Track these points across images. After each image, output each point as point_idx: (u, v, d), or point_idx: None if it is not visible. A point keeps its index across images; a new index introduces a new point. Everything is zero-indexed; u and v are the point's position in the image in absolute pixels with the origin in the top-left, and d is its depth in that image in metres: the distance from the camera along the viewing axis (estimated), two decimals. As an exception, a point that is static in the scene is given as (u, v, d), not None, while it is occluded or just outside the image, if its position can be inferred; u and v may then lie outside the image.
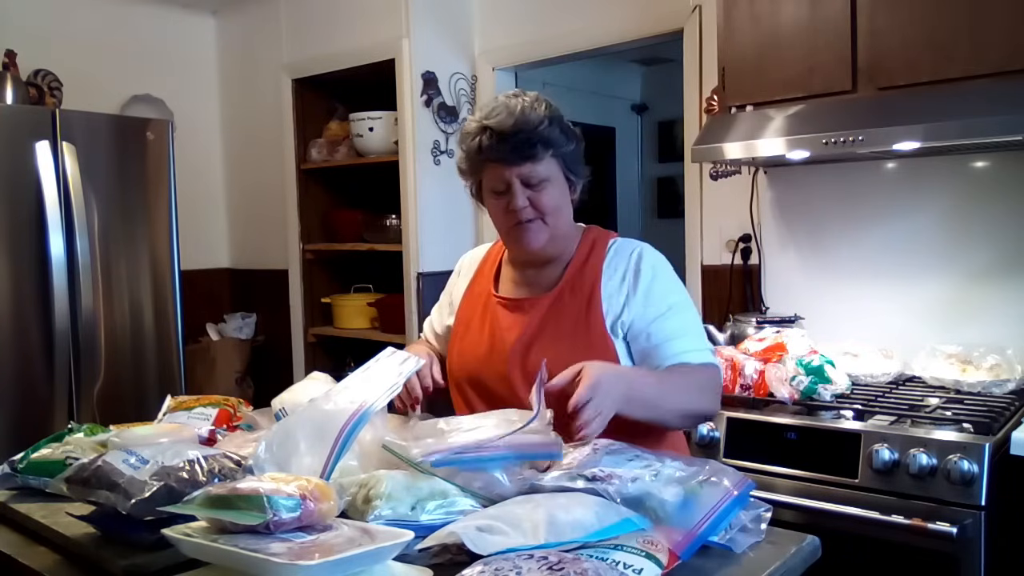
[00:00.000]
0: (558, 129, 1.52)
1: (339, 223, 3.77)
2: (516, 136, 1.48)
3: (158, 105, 3.90)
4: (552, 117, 1.52)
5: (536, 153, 1.50)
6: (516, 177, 1.51)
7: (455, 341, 1.68)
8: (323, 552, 0.93)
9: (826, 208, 2.62)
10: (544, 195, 1.52)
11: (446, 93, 3.40)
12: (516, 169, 1.50)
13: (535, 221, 1.53)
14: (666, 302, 1.55)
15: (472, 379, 1.62)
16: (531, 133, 1.49)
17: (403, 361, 1.40)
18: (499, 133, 1.49)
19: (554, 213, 1.54)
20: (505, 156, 1.50)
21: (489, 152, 1.51)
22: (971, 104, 1.98)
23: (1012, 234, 2.30)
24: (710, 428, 2.13)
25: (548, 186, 1.53)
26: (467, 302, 1.70)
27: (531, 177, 1.51)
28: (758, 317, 2.52)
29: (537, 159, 1.50)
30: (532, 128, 1.49)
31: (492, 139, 1.50)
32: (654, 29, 2.96)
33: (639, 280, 1.55)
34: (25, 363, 2.86)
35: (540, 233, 1.54)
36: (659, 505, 1.10)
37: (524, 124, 1.49)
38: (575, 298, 1.56)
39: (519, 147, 1.49)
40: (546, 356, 1.48)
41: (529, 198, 1.52)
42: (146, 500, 1.08)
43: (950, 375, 2.21)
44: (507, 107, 1.51)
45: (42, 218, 2.86)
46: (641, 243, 1.63)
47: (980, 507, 1.76)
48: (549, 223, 1.54)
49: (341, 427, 1.19)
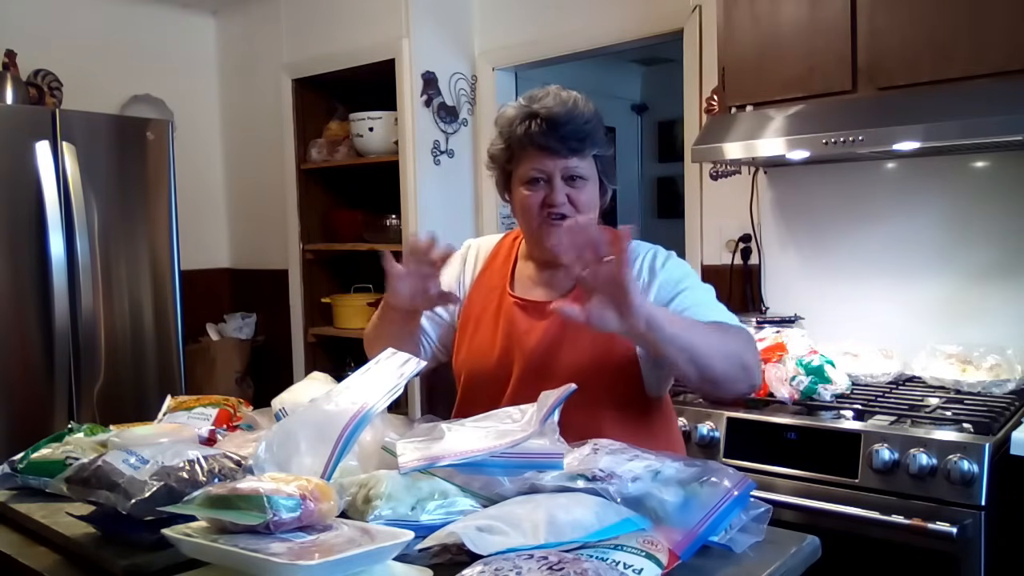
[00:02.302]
0: (603, 130, 1.51)
1: (339, 223, 3.77)
2: (567, 126, 1.45)
3: (158, 105, 3.90)
4: (599, 116, 1.50)
5: (584, 147, 1.48)
6: (559, 170, 1.48)
7: (464, 337, 1.64)
8: (323, 552, 0.93)
9: (826, 208, 2.62)
10: (583, 193, 1.50)
11: (446, 93, 3.40)
12: (561, 161, 1.47)
13: (564, 220, 1.49)
14: (683, 283, 1.51)
15: (483, 378, 1.58)
16: (582, 126, 1.46)
17: (404, 363, 1.40)
18: (549, 120, 1.45)
19: (588, 213, 1.51)
20: (553, 145, 1.46)
21: (537, 139, 1.46)
22: (971, 104, 1.98)
23: (1012, 234, 2.30)
24: (710, 428, 2.13)
25: (587, 185, 1.51)
26: (477, 296, 1.65)
27: (574, 171, 1.48)
28: (758, 317, 2.52)
29: (583, 153, 1.48)
30: (583, 121, 1.46)
31: (541, 126, 1.46)
32: (654, 29, 2.96)
33: (654, 277, 1.52)
34: (25, 363, 2.86)
35: None
36: (659, 505, 1.10)
37: (576, 116, 1.46)
38: None
39: (567, 138, 1.46)
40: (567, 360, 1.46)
41: (567, 194, 1.49)
42: (146, 500, 1.08)
43: (950, 375, 2.21)
44: (558, 96, 1.48)
45: (42, 218, 2.86)
46: (653, 245, 1.61)
47: (980, 507, 1.76)
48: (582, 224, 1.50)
49: (342, 428, 1.19)
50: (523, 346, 1.54)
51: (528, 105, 1.50)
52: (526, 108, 1.50)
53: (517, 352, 1.55)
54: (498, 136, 1.56)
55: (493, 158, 1.59)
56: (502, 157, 1.56)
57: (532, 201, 1.51)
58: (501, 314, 1.60)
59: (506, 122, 1.53)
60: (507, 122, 1.53)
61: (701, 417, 2.16)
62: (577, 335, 1.49)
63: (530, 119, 1.48)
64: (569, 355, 1.50)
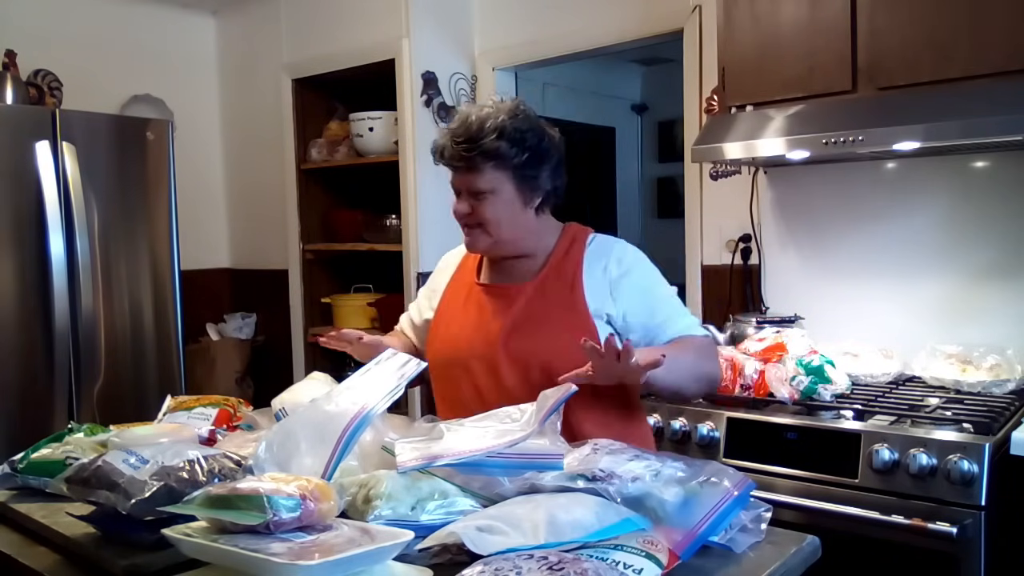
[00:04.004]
0: (508, 143, 1.54)
1: (339, 223, 3.77)
2: (458, 146, 1.56)
3: (158, 105, 3.90)
4: (503, 129, 1.54)
5: (475, 165, 1.56)
6: (464, 185, 1.60)
7: (437, 330, 1.71)
8: (323, 552, 0.93)
9: (826, 208, 2.62)
10: (485, 206, 1.58)
11: (446, 93, 3.39)
12: (465, 176, 1.59)
13: (475, 228, 1.61)
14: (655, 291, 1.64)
15: (457, 363, 1.64)
16: (473, 145, 1.54)
17: (404, 364, 1.40)
18: (451, 139, 1.58)
19: (494, 224, 1.59)
20: (451, 163, 1.60)
21: (440, 157, 1.61)
22: (971, 104, 1.98)
23: (1012, 234, 2.30)
24: (710, 428, 2.13)
25: (490, 197, 1.58)
26: (450, 293, 1.75)
27: (473, 186, 1.58)
28: (758, 317, 2.51)
29: (476, 170, 1.56)
30: (475, 141, 1.54)
31: (446, 145, 1.59)
32: (654, 29, 2.96)
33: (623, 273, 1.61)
34: (25, 363, 2.86)
35: (480, 239, 1.62)
36: (659, 505, 1.11)
37: (468, 136, 1.55)
38: (559, 284, 1.61)
39: (459, 157, 1.57)
40: (532, 339, 1.56)
41: (472, 206, 1.59)
42: (146, 500, 1.08)
43: (950, 375, 2.21)
44: (463, 116, 1.59)
45: (42, 218, 2.85)
46: (617, 239, 1.70)
47: (980, 507, 1.76)
48: (491, 232, 1.60)
49: (343, 429, 1.19)
50: (491, 326, 1.61)
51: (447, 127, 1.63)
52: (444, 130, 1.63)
53: (487, 332, 1.61)
54: None
55: None
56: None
57: (454, 211, 1.64)
58: (471, 302, 1.68)
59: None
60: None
61: (701, 417, 2.16)
62: (543, 311, 1.58)
63: (445, 138, 1.61)
64: (536, 331, 1.57)
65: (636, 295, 1.60)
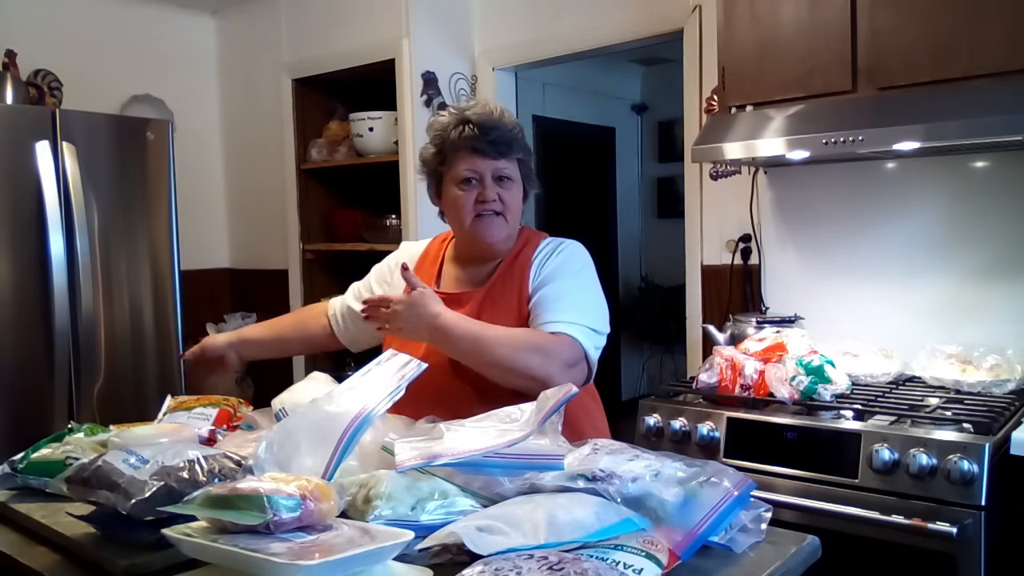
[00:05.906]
0: (524, 138, 1.67)
1: (339, 223, 3.77)
2: (496, 131, 1.61)
3: (158, 105, 3.90)
4: (520, 126, 1.67)
5: (511, 151, 1.63)
6: (490, 170, 1.63)
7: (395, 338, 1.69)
8: (323, 552, 0.93)
9: (826, 208, 2.62)
10: (510, 192, 1.65)
11: (446, 93, 3.40)
12: (491, 163, 1.62)
13: (500, 216, 1.64)
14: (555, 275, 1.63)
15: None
16: (507, 132, 1.63)
17: (404, 364, 1.40)
18: (480, 125, 1.61)
19: (515, 211, 1.66)
20: (483, 148, 1.61)
21: (470, 142, 1.61)
22: (971, 104, 1.98)
23: (1012, 234, 2.30)
24: (710, 428, 2.13)
25: (513, 185, 1.66)
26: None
27: (503, 172, 1.62)
28: (758, 317, 2.51)
29: (510, 156, 1.63)
30: (508, 128, 1.63)
31: (473, 130, 1.61)
32: (654, 29, 2.96)
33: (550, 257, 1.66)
34: (25, 363, 2.86)
35: (501, 227, 1.64)
36: (659, 505, 1.10)
37: (502, 122, 1.63)
38: (506, 290, 1.65)
39: (496, 142, 1.61)
40: None
41: (497, 193, 1.62)
42: (146, 500, 1.08)
43: (950, 375, 2.21)
44: (486, 105, 1.64)
45: (42, 218, 2.85)
46: (571, 240, 1.72)
47: (980, 507, 1.76)
48: (509, 220, 1.65)
49: (343, 430, 1.19)
50: None
51: (460, 112, 1.65)
52: (458, 115, 1.64)
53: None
54: (430, 141, 1.69)
55: (425, 162, 1.72)
56: (434, 161, 1.69)
57: (466, 200, 1.64)
58: None
59: (440, 127, 1.67)
60: (441, 127, 1.66)
61: (701, 417, 2.16)
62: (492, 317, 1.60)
63: (463, 124, 1.62)
64: None
65: (545, 273, 1.63)
